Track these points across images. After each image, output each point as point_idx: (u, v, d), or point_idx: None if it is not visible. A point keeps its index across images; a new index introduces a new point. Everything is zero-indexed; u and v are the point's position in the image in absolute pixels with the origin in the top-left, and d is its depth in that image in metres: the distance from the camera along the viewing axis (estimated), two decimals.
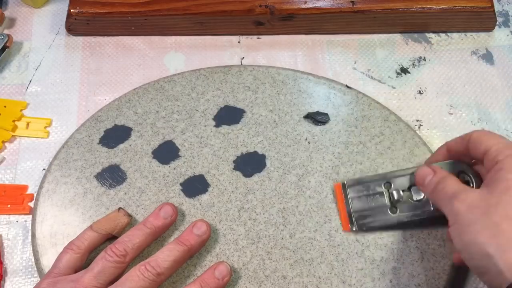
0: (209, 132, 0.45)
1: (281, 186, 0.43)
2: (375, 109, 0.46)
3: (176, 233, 0.41)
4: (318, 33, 0.52)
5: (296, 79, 0.48)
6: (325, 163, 0.44)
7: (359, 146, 0.45)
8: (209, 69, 0.49)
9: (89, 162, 0.44)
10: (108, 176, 0.43)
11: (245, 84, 0.48)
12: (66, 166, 0.44)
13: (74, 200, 0.42)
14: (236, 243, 0.40)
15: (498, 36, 0.53)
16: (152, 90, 0.48)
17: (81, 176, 0.43)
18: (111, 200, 0.42)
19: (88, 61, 0.51)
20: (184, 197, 0.42)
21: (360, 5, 0.50)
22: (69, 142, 0.45)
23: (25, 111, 0.48)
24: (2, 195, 0.44)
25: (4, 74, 0.50)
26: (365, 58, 0.51)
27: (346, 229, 0.41)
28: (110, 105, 0.47)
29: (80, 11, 0.50)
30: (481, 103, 0.49)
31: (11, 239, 0.42)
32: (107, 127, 0.46)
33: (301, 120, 0.46)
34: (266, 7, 0.50)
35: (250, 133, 0.45)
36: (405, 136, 0.45)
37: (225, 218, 0.42)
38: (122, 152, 0.45)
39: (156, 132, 0.45)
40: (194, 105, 0.47)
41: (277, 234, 0.41)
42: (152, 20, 0.51)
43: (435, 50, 0.52)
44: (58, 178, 0.43)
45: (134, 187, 0.43)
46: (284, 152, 0.44)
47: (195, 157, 0.44)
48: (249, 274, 0.39)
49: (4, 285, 0.40)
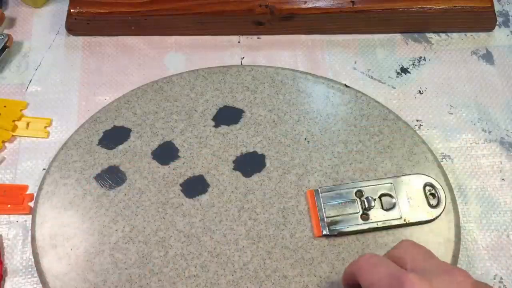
0: (209, 132, 0.45)
1: (281, 186, 0.43)
2: (374, 108, 0.46)
3: (177, 233, 0.41)
4: (318, 33, 0.52)
5: (295, 78, 0.48)
6: (324, 163, 0.44)
7: (359, 145, 0.45)
8: (207, 69, 0.49)
9: (88, 164, 0.44)
10: (108, 177, 0.43)
11: (244, 84, 0.48)
12: (65, 168, 0.44)
13: (74, 202, 0.42)
14: (237, 243, 0.40)
15: (498, 36, 0.53)
16: (151, 91, 0.48)
17: (81, 178, 0.43)
18: (110, 201, 0.42)
19: (88, 61, 0.51)
20: (184, 198, 0.42)
21: (360, 5, 0.50)
22: (68, 143, 0.45)
23: (25, 111, 0.48)
24: (2, 195, 0.44)
25: (4, 74, 0.50)
26: (365, 58, 0.51)
27: (318, 234, 0.41)
28: (108, 106, 0.47)
29: (80, 11, 0.50)
30: (481, 103, 0.49)
31: (11, 239, 0.42)
32: (106, 128, 0.46)
33: (301, 120, 0.46)
34: (266, 7, 0.50)
35: (250, 133, 0.45)
36: (404, 134, 0.45)
37: (225, 218, 0.42)
38: (122, 153, 0.44)
39: (155, 133, 0.45)
40: (193, 106, 0.47)
41: (278, 233, 0.41)
42: (152, 20, 0.51)
43: (435, 50, 0.52)
44: (58, 180, 0.43)
45: (134, 188, 0.43)
46: (283, 152, 0.44)
47: (194, 157, 0.44)
48: (250, 274, 0.39)
49: (4, 285, 0.40)
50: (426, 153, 0.44)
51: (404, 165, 0.43)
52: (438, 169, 0.43)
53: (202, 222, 0.41)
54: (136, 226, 0.41)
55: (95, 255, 0.40)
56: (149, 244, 0.40)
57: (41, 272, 0.39)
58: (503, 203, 0.44)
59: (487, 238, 0.43)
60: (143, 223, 0.41)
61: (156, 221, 0.41)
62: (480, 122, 0.48)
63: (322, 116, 0.46)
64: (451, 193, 0.42)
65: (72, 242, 0.40)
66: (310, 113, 0.46)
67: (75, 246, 0.40)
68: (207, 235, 0.41)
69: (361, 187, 0.42)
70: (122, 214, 0.42)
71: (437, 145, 0.47)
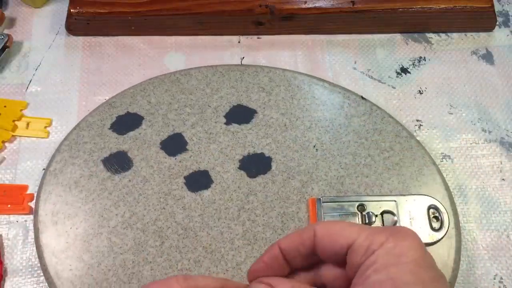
0: (219, 129, 0.46)
1: (284, 191, 0.43)
2: (387, 123, 0.46)
3: (175, 225, 0.41)
4: (318, 33, 0.52)
5: (312, 85, 0.48)
6: (330, 172, 0.43)
7: (367, 159, 0.44)
8: (226, 66, 0.49)
9: (98, 146, 0.45)
10: (115, 161, 0.44)
11: (260, 84, 0.48)
12: (75, 148, 0.45)
13: (79, 182, 0.43)
14: (232, 242, 0.41)
15: (498, 36, 0.53)
16: (168, 82, 0.48)
17: (89, 159, 0.44)
18: (115, 185, 0.43)
19: (88, 61, 0.51)
20: (186, 191, 0.43)
21: (360, 5, 0.50)
22: (81, 124, 0.46)
23: (25, 111, 0.48)
24: (2, 195, 0.44)
25: (4, 74, 0.50)
26: (365, 58, 0.51)
27: None
28: (125, 92, 0.48)
29: (80, 11, 0.50)
30: (481, 103, 0.49)
31: (11, 239, 0.42)
32: (119, 113, 0.46)
33: (312, 127, 0.45)
34: (266, 7, 0.50)
35: (259, 134, 0.45)
36: (415, 153, 0.44)
37: (224, 216, 0.42)
38: (131, 140, 0.45)
39: (166, 123, 0.46)
40: (207, 101, 0.47)
41: (274, 238, 0.41)
42: (152, 20, 0.51)
43: (435, 50, 0.52)
44: (67, 159, 0.44)
45: (138, 175, 0.43)
46: (290, 157, 0.44)
47: (202, 152, 0.44)
48: (242, 274, 0.39)
49: (4, 285, 0.40)
50: (435, 175, 0.43)
51: (411, 184, 0.43)
52: (445, 192, 0.43)
53: (201, 217, 0.41)
54: (136, 213, 0.42)
55: (93, 236, 0.41)
56: (147, 232, 0.41)
57: (39, 246, 0.40)
58: (503, 203, 0.44)
59: (487, 238, 0.43)
60: (143, 211, 0.42)
61: (156, 210, 0.42)
62: (480, 122, 0.48)
63: (334, 125, 0.46)
64: (455, 218, 0.42)
65: (72, 221, 0.41)
66: (322, 121, 0.46)
67: (75, 226, 0.41)
68: (204, 230, 0.41)
69: (364, 201, 0.41)
70: (124, 199, 0.42)
71: (437, 145, 0.47)
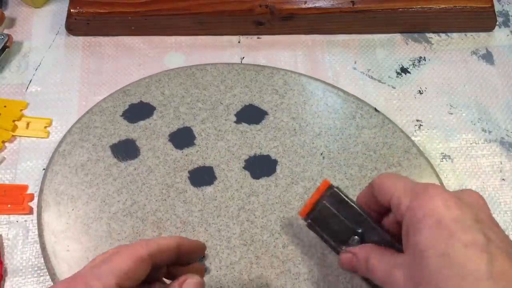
0: (228, 127, 0.46)
1: (286, 195, 0.43)
2: (398, 138, 0.45)
3: (174, 217, 0.41)
4: (318, 33, 0.52)
5: (326, 92, 0.48)
6: (335, 182, 0.43)
7: (374, 171, 0.44)
8: (242, 65, 0.49)
9: (108, 132, 0.45)
10: (123, 149, 0.44)
11: (274, 86, 0.48)
12: (86, 131, 0.45)
13: (86, 165, 0.44)
14: (229, 241, 0.41)
15: (498, 36, 0.52)
16: (183, 75, 0.48)
17: (98, 144, 0.45)
18: (120, 172, 0.43)
19: (88, 61, 0.51)
20: (189, 185, 0.43)
21: (360, 5, 0.50)
22: (94, 109, 0.46)
23: (25, 111, 0.48)
24: (2, 195, 0.44)
25: (4, 74, 0.50)
26: (365, 58, 0.51)
27: (301, 215, 0.38)
28: (140, 81, 0.48)
29: (80, 11, 0.50)
30: (481, 103, 0.49)
31: (11, 239, 0.42)
32: (132, 101, 0.47)
33: (321, 134, 0.45)
34: (266, 7, 0.50)
35: (268, 136, 0.45)
36: (423, 171, 0.44)
37: (224, 214, 0.42)
38: (141, 129, 0.45)
39: (177, 116, 0.46)
40: (219, 98, 0.47)
41: (271, 241, 0.41)
42: (152, 20, 0.51)
43: (435, 50, 0.52)
44: (76, 141, 0.45)
45: (144, 165, 0.44)
46: (296, 162, 0.44)
47: (209, 148, 0.45)
48: (234, 274, 0.39)
49: (4, 285, 0.40)
50: None
51: None
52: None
53: (201, 213, 0.42)
54: (137, 201, 0.42)
55: (93, 220, 0.41)
56: (146, 222, 0.41)
57: (40, 224, 0.41)
58: (503, 203, 0.44)
59: None
60: (144, 200, 0.42)
61: (157, 201, 0.42)
62: (480, 122, 0.48)
63: (343, 135, 0.45)
64: None
65: (75, 203, 0.42)
66: (332, 129, 0.46)
67: (77, 208, 0.42)
68: (203, 226, 0.41)
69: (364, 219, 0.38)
70: (127, 187, 0.43)
71: (437, 145, 0.47)
